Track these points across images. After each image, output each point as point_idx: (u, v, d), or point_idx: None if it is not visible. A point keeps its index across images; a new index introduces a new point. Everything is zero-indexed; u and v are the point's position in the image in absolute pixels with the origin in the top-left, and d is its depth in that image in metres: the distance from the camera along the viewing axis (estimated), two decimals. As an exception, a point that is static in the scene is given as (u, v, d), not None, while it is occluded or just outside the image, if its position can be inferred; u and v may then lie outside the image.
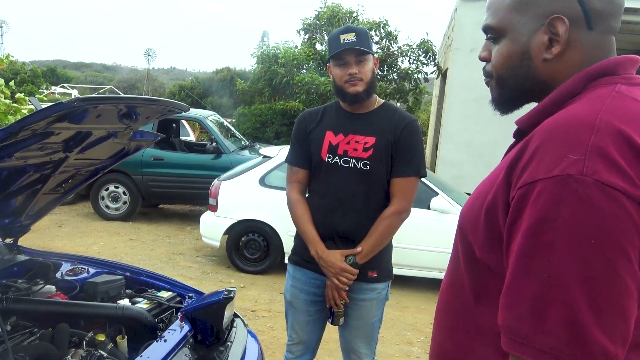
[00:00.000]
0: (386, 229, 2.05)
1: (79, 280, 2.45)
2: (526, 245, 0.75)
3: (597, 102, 0.81)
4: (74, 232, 6.57)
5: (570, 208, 0.71)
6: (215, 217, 5.48)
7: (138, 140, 2.32)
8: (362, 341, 2.20)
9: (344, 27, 2.07)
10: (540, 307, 0.73)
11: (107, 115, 1.77)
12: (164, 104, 1.99)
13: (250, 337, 2.45)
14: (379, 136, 2.06)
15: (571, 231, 0.71)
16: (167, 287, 2.57)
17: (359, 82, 2.02)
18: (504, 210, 0.81)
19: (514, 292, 0.77)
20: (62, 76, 41.31)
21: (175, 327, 2.17)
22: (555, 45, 0.88)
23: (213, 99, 21.86)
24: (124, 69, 77.10)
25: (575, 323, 0.70)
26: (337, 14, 9.57)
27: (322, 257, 2.06)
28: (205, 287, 4.92)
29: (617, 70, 0.86)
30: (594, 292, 0.70)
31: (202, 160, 7.31)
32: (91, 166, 2.43)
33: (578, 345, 0.70)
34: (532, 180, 0.75)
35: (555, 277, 0.72)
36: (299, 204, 2.15)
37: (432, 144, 12.54)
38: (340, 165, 2.07)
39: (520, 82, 0.93)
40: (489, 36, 0.99)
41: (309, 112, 2.24)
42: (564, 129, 0.78)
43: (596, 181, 0.71)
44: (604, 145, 0.73)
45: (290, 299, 2.27)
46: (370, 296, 2.14)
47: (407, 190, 2.07)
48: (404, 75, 9.65)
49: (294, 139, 2.22)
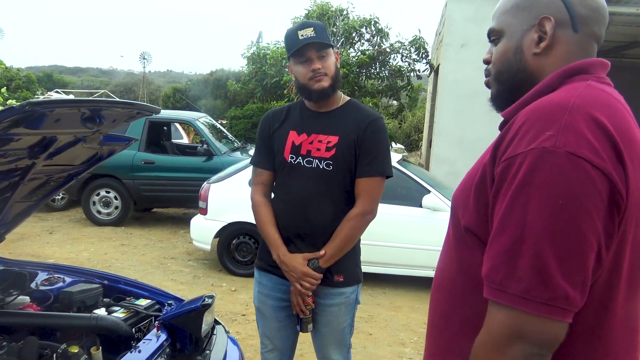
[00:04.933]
0: (350, 231, 1.98)
1: (54, 289, 2.39)
2: (505, 207, 0.87)
3: (572, 90, 0.94)
4: (64, 239, 6.50)
5: (543, 174, 0.84)
6: (206, 220, 5.41)
7: (110, 144, 2.25)
8: (333, 347, 2.13)
9: (300, 23, 2.00)
10: (513, 257, 0.85)
11: (68, 120, 1.70)
12: (131, 107, 1.92)
13: (231, 343, 2.39)
14: (342, 135, 1.99)
15: (543, 193, 0.83)
16: (146, 294, 2.51)
17: (324, 77, 1.95)
18: (490, 183, 0.93)
19: (493, 246, 0.89)
20: (58, 81, 41.20)
21: (151, 336, 2.11)
22: (543, 42, 1.03)
23: (207, 101, 21.77)
24: (121, 73, 76.89)
25: (541, 270, 0.83)
26: (326, 12, 9.50)
27: (284, 262, 1.99)
28: (196, 292, 4.87)
29: (590, 70, 1.00)
30: (559, 244, 0.82)
31: (193, 163, 7.25)
32: (64, 172, 2.37)
33: (543, 288, 0.83)
34: (514, 154, 0.88)
35: (526, 232, 0.84)
36: (262, 207, 2.09)
37: (426, 141, 12.48)
38: (303, 165, 2.00)
39: (513, 74, 1.07)
40: (492, 39, 1.12)
41: (273, 112, 2.17)
42: (542, 111, 0.90)
43: (566, 152, 0.83)
44: (575, 123, 0.86)
45: (258, 306, 2.20)
46: (338, 301, 2.07)
47: (372, 191, 2.01)
48: (395, 73, 9.56)
49: (258, 140, 2.15)
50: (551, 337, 0.84)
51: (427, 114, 13.75)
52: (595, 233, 0.83)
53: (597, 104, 0.90)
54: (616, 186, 0.84)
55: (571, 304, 0.84)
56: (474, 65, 8.21)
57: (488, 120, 8.07)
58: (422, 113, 19.20)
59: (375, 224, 2.07)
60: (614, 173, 0.84)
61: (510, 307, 0.85)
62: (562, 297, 0.83)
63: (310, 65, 1.95)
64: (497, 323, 0.87)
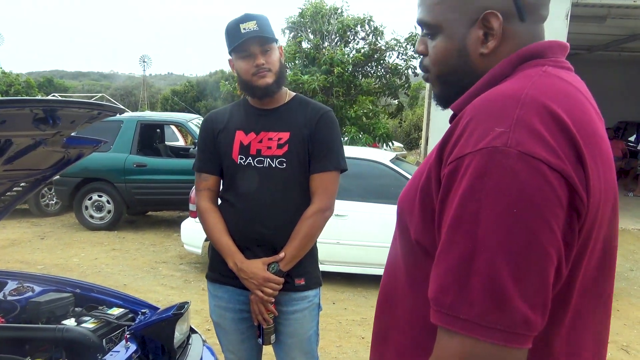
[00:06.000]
0: (309, 229, 1.88)
1: (22, 300, 2.29)
2: (453, 217, 0.75)
3: (525, 79, 0.82)
4: (55, 244, 6.41)
5: (494, 179, 0.72)
6: (196, 223, 5.30)
7: (75, 146, 2.15)
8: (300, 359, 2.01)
9: (242, 15, 1.87)
10: (464, 277, 0.73)
11: (17, 121, 1.60)
12: (89, 106, 1.82)
13: (208, 353, 2.29)
14: (294, 131, 1.89)
15: (495, 201, 0.72)
16: (120, 303, 2.41)
17: (268, 72, 1.85)
18: (436, 188, 0.82)
19: (440, 264, 0.77)
20: (59, 86, 41.23)
21: (119, 348, 2.01)
22: (490, 40, 0.89)
23: (207, 102, 21.70)
24: (121, 77, 77.03)
25: (497, 292, 0.71)
26: (320, 10, 9.38)
27: (242, 269, 1.87)
28: (186, 296, 4.76)
29: (546, 54, 0.89)
30: (515, 261, 0.71)
31: (185, 165, 7.14)
32: (29, 177, 2.27)
33: (499, 313, 0.71)
34: (461, 155, 0.76)
35: (478, 247, 0.72)
36: (210, 213, 1.97)
37: (425, 139, 12.37)
38: (254, 166, 1.90)
39: (459, 77, 0.94)
40: (425, 32, 0.98)
41: (215, 113, 2.06)
42: (491, 104, 0.79)
43: (520, 152, 0.72)
44: (529, 118, 0.74)
45: (217, 320, 2.06)
46: (302, 306, 1.95)
47: (328, 186, 1.91)
48: (391, 70, 9.44)
49: (200, 144, 2.03)
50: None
51: (425, 112, 13.64)
52: (555, 246, 0.72)
53: (553, 94, 0.79)
54: (576, 190, 0.73)
55: (531, 328, 0.72)
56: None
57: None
58: (422, 111, 19.11)
59: (369, 224, 1.99)
60: (574, 175, 0.73)
61: (463, 335, 0.73)
62: (521, 322, 0.71)
63: (254, 61, 1.84)
64: (448, 352, 0.75)
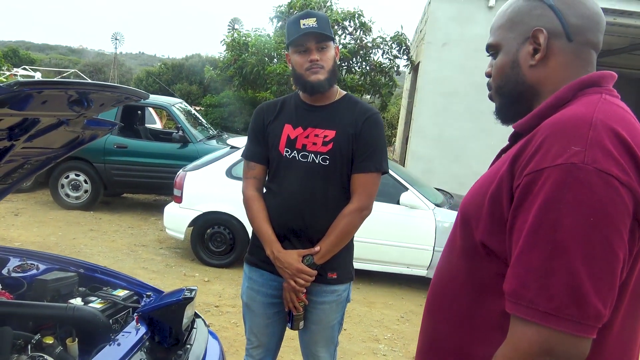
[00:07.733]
0: (346, 227, 1.95)
1: (27, 277, 2.29)
2: (534, 223, 0.86)
3: (589, 105, 0.94)
4: (30, 222, 6.29)
5: (573, 191, 0.83)
6: (180, 208, 5.31)
7: (93, 128, 2.16)
8: (322, 345, 2.10)
9: (304, 12, 1.95)
10: (545, 275, 0.84)
11: (55, 102, 1.61)
12: (120, 91, 1.84)
13: (211, 338, 2.34)
14: (339, 129, 1.95)
15: (574, 210, 0.83)
16: (124, 284, 2.43)
17: (321, 69, 1.91)
18: (507, 197, 0.93)
19: (521, 263, 0.88)
20: (25, 58, 39.73)
21: (131, 329, 2.04)
22: (538, 53, 1.05)
23: (182, 86, 21.36)
24: (91, 53, 74.83)
25: (575, 289, 0.82)
26: (309, 3, 9.38)
27: (278, 258, 1.95)
28: (168, 281, 4.78)
29: (601, 83, 1.02)
30: (592, 263, 0.82)
31: (167, 149, 7.10)
32: (42, 155, 2.27)
33: (576, 307, 0.83)
34: (539, 169, 0.87)
35: (558, 250, 0.83)
36: (254, 201, 2.03)
37: (402, 137, 12.54)
38: (299, 160, 1.96)
39: (512, 87, 1.09)
40: (490, 53, 1.15)
41: (267, 105, 2.11)
42: (565, 125, 0.90)
43: (596, 169, 0.83)
44: (601, 139, 0.86)
45: (247, 302, 2.15)
46: (330, 299, 2.04)
47: (368, 187, 1.97)
48: (376, 68, 9.54)
49: (250, 133, 2.09)
50: (579, 353, 0.85)
51: (403, 111, 13.79)
52: (623, 250, 0.85)
53: (616, 118, 0.91)
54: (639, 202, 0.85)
55: (601, 321, 0.85)
56: (454, 64, 8.27)
57: (466, 119, 8.19)
58: (396, 109, 19.29)
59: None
60: (639, 189, 0.85)
61: (540, 324, 0.85)
62: (594, 316, 0.83)
63: (309, 56, 1.90)
64: (525, 340, 0.87)
